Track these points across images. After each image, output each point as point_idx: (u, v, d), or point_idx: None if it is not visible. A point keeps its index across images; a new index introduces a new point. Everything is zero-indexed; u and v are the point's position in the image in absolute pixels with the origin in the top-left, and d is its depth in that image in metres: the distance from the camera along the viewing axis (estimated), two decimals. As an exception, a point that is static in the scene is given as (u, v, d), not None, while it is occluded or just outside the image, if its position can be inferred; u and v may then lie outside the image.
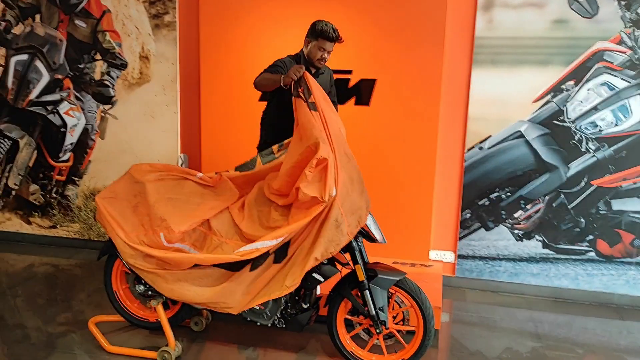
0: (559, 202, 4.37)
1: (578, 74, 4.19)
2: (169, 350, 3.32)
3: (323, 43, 3.47)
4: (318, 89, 3.18)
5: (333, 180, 2.97)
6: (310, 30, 3.53)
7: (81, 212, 5.19)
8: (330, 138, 3.04)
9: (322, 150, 2.93)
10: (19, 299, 4.27)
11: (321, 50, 3.49)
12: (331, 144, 3.03)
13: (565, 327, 4.06)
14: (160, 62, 4.76)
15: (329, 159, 2.96)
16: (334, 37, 3.45)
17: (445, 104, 4.37)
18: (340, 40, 3.50)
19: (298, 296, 3.31)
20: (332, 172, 2.97)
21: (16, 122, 5.10)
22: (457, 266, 4.61)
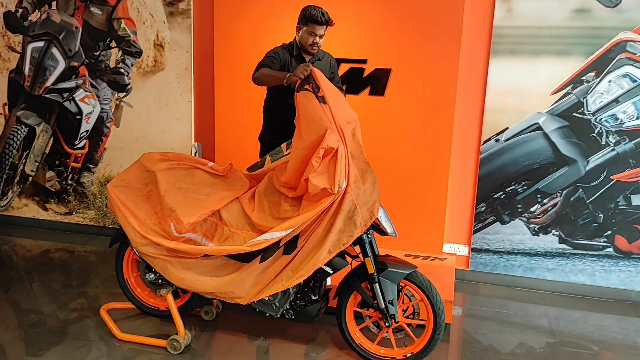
0: (577, 196, 4.28)
1: (599, 65, 4.08)
2: (179, 339, 3.33)
3: (313, 27, 3.43)
4: (327, 83, 3.13)
5: (343, 171, 2.94)
6: (300, 16, 3.50)
7: (96, 200, 5.23)
8: (341, 129, 3.00)
9: (329, 139, 2.89)
10: (35, 284, 4.32)
11: (312, 35, 3.45)
12: (341, 135, 2.99)
13: (581, 323, 3.99)
14: (175, 50, 4.75)
15: (339, 149, 2.92)
16: (322, 20, 3.41)
17: (461, 95, 4.30)
18: (330, 23, 3.45)
19: (307, 288, 3.29)
20: (342, 163, 2.93)
21: (33, 109, 5.14)
22: (471, 260, 4.55)
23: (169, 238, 3.20)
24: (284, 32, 4.38)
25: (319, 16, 3.40)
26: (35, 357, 3.27)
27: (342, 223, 2.98)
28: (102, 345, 3.43)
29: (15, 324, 3.67)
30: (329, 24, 3.46)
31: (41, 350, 3.34)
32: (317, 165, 2.89)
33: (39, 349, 3.36)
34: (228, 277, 3.13)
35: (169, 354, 3.34)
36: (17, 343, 3.43)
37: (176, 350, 3.34)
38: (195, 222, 3.17)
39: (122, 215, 3.30)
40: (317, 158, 2.89)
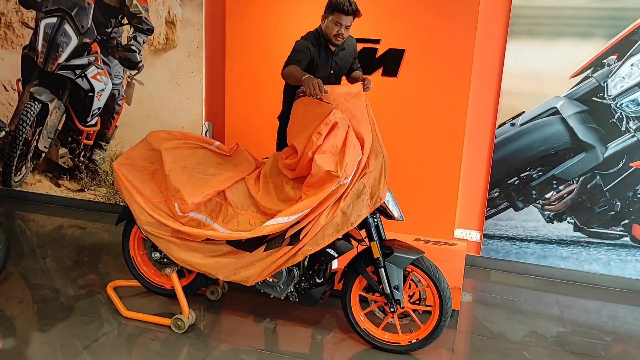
0: (594, 183, 4.16)
1: (621, 47, 3.93)
2: (182, 318, 3.33)
3: (339, 17, 3.24)
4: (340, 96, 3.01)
5: (352, 160, 2.86)
6: (327, 5, 3.33)
7: (108, 177, 5.24)
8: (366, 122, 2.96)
9: (332, 116, 2.82)
10: (48, 259, 4.35)
11: (337, 24, 3.26)
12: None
13: (594, 313, 3.91)
14: (186, 27, 4.70)
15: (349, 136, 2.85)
16: (349, 10, 3.22)
17: (476, 77, 4.20)
18: (358, 14, 3.26)
19: (312, 270, 3.26)
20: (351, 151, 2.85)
21: (46, 85, 5.15)
22: (482, 246, 4.48)
23: (173, 217, 3.18)
24: (296, 11, 4.31)
25: (345, 5, 3.21)
26: (41, 332, 3.30)
27: (351, 202, 2.92)
28: (108, 322, 3.44)
29: (24, 298, 3.71)
30: (357, 15, 3.28)
31: (47, 326, 3.36)
32: (317, 140, 2.81)
33: (45, 324, 3.38)
34: (231, 260, 3.11)
35: (173, 333, 3.34)
36: (25, 317, 3.46)
37: (180, 329, 3.33)
38: (199, 202, 3.14)
39: (127, 193, 3.28)
40: (317, 134, 2.81)
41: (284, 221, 2.91)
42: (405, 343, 3.21)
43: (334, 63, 3.41)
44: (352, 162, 2.86)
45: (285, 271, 3.20)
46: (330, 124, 2.82)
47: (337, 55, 3.43)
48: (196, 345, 3.24)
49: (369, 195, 2.95)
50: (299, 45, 3.33)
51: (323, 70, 3.38)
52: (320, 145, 2.82)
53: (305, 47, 3.31)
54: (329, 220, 2.93)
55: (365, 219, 3.05)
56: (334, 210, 2.93)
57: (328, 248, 3.10)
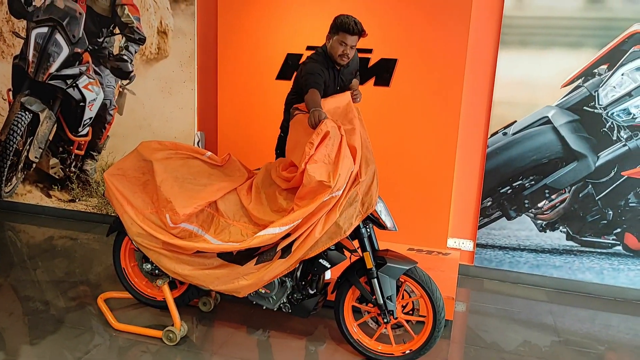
0: (586, 192, 4.17)
1: (612, 57, 3.96)
2: (174, 330, 3.30)
3: (344, 37, 3.20)
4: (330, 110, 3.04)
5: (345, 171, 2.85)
6: (332, 24, 3.29)
7: (99, 187, 5.21)
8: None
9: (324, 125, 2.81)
10: (38, 270, 4.31)
11: (342, 44, 3.22)
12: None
13: (587, 322, 3.92)
14: (178, 37, 4.69)
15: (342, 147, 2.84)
16: (355, 30, 3.18)
17: (468, 87, 4.22)
18: (363, 34, 3.24)
19: (304, 281, 3.24)
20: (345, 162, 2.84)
21: (37, 95, 5.12)
22: (475, 255, 4.48)
23: (165, 228, 3.15)
24: (287, 20, 4.32)
25: (351, 25, 3.18)
26: (31, 345, 3.26)
27: (343, 210, 2.91)
28: (99, 334, 3.41)
29: (14, 310, 3.66)
30: (362, 35, 3.25)
31: (37, 338, 3.32)
32: (310, 150, 2.79)
33: (35, 337, 3.34)
34: (222, 272, 3.08)
35: (165, 345, 3.31)
36: (15, 330, 3.42)
37: (172, 341, 3.30)
38: (191, 213, 3.12)
39: (118, 204, 3.26)
40: (309, 144, 2.79)
41: (275, 232, 2.89)
42: (399, 354, 3.19)
43: (340, 80, 3.41)
44: (345, 173, 2.85)
45: (277, 282, 3.18)
46: (322, 134, 2.81)
47: (343, 72, 3.42)
48: (188, 358, 3.21)
49: (360, 202, 2.94)
50: (314, 68, 3.26)
51: (331, 88, 3.35)
52: (312, 155, 2.81)
53: (320, 70, 3.25)
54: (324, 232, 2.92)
55: (358, 229, 3.04)
56: (328, 221, 2.91)
57: (321, 259, 3.09)
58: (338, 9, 4.01)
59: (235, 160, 3.38)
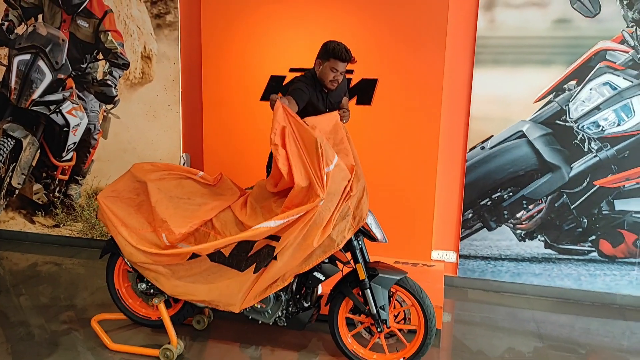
0: (562, 202, 4.36)
1: (580, 73, 4.19)
2: (171, 348, 3.33)
3: (335, 64, 3.35)
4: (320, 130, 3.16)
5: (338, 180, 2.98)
6: (322, 50, 3.42)
7: (84, 212, 5.21)
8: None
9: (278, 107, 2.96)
10: (22, 297, 4.28)
11: (333, 71, 3.37)
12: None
13: (568, 327, 4.06)
14: (162, 61, 4.78)
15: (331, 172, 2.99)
16: (346, 57, 3.34)
17: (447, 104, 4.38)
18: (353, 60, 3.39)
19: (299, 295, 3.32)
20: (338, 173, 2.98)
21: (19, 121, 5.12)
22: (459, 266, 4.61)
23: (161, 248, 3.20)
24: (271, 45, 4.45)
25: (342, 53, 3.32)
26: (26, 369, 3.26)
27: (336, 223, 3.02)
28: (95, 356, 3.42)
29: (6, 335, 3.64)
30: (351, 62, 3.40)
31: (31, 363, 3.32)
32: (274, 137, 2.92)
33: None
34: (221, 285, 3.15)
35: (161, 364, 3.35)
36: (10, 355, 3.40)
37: (169, 359, 3.33)
38: (187, 233, 3.18)
39: (112, 226, 3.30)
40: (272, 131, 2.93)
41: (270, 225, 2.96)
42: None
43: (328, 102, 3.54)
44: (338, 183, 2.96)
45: (273, 296, 3.25)
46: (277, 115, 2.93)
47: (331, 95, 3.55)
48: (186, 375, 3.25)
49: (352, 216, 3.06)
50: (300, 85, 3.38)
51: (318, 110, 3.47)
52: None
53: (306, 88, 3.37)
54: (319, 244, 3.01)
55: (350, 242, 3.15)
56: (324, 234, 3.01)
57: (315, 272, 3.18)
58: (320, 32, 4.19)
59: (227, 179, 3.46)
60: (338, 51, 3.31)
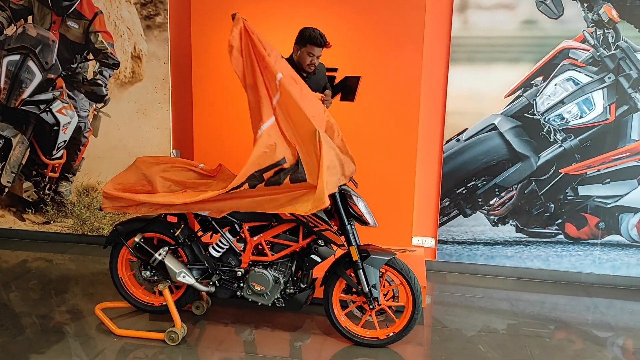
0: (531, 189, 4.70)
1: (546, 70, 4.52)
2: (176, 331, 3.53)
3: (312, 49, 3.72)
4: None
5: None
6: (299, 37, 3.77)
7: (75, 208, 5.33)
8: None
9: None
10: (19, 291, 4.36)
11: (310, 55, 3.74)
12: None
13: (538, 305, 4.36)
14: (152, 61, 4.95)
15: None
16: (322, 42, 3.71)
17: (424, 99, 4.66)
18: (328, 45, 3.74)
19: (296, 277, 3.56)
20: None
21: (9, 120, 5.21)
22: (437, 251, 4.91)
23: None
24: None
25: (318, 38, 3.68)
26: (39, 354, 3.40)
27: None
28: (102, 341, 3.58)
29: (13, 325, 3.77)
30: (327, 46, 3.75)
31: (43, 348, 3.47)
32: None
33: (41, 347, 3.48)
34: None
35: (165, 346, 3.53)
36: (18, 342, 3.53)
37: (174, 341, 3.53)
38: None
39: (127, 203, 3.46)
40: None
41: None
42: (384, 337, 3.55)
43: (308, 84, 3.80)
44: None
45: (272, 279, 3.49)
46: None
47: (310, 79, 3.82)
48: (191, 356, 3.45)
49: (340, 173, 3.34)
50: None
51: None
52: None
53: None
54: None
55: (343, 226, 3.41)
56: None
57: (312, 254, 3.43)
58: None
59: (226, 169, 3.67)
60: (314, 37, 3.68)
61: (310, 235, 3.48)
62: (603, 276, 4.71)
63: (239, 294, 3.58)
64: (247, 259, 3.56)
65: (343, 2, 4.52)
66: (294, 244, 3.51)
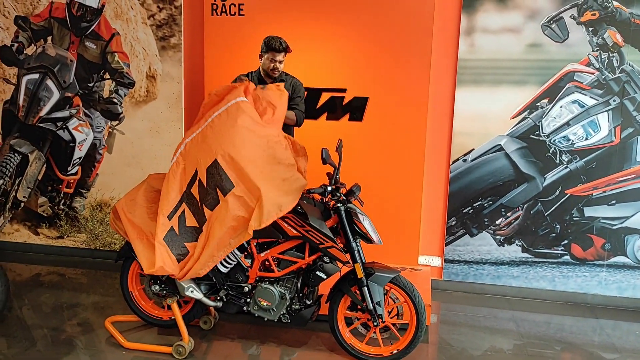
0: (537, 209, 4.73)
1: (551, 92, 4.58)
2: (183, 345, 3.60)
3: (273, 55, 3.95)
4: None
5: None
6: (262, 46, 4.02)
7: (88, 223, 5.44)
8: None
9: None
10: (25, 306, 4.45)
11: (272, 61, 3.97)
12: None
13: (544, 325, 4.36)
14: (166, 81, 5.09)
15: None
16: (281, 48, 3.93)
17: (431, 120, 4.74)
18: (288, 50, 3.97)
19: (302, 293, 3.62)
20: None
21: (26, 137, 5.36)
22: (444, 270, 4.94)
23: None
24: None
25: (277, 44, 3.93)
26: (48, 365, 3.49)
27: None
28: (111, 353, 3.66)
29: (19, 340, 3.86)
30: (287, 51, 3.98)
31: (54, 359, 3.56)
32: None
33: (52, 357, 3.56)
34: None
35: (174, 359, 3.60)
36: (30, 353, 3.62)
37: (181, 355, 3.59)
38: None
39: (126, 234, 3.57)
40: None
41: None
42: (388, 354, 3.59)
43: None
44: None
45: (278, 295, 3.55)
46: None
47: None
48: (198, 369, 3.52)
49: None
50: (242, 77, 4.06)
51: None
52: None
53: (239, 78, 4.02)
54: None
55: (349, 244, 3.48)
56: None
57: (318, 271, 3.50)
58: (317, 53, 4.57)
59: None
60: (273, 44, 3.92)
61: (316, 252, 3.55)
62: (609, 297, 4.71)
63: (246, 309, 3.65)
64: (254, 274, 3.63)
65: (352, 25, 4.63)
66: (300, 260, 3.58)
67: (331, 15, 4.63)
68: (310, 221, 3.46)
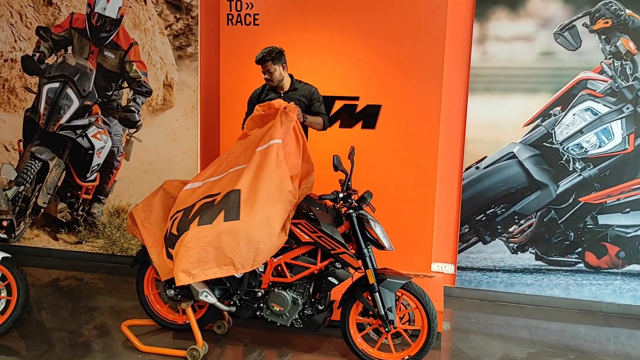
0: (550, 217, 4.73)
1: (564, 100, 4.59)
2: (197, 348, 3.65)
3: (261, 67, 4.03)
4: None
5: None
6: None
7: (106, 229, 5.55)
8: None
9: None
10: (44, 310, 4.55)
11: (264, 73, 4.04)
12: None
13: (558, 333, 4.35)
14: (183, 89, 5.18)
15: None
16: (262, 59, 3.98)
17: (444, 128, 4.76)
18: (268, 59, 3.96)
19: (314, 299, 3.66)
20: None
21: (46, 144, 5.49)
22: (457, 277, 4.95)
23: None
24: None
25: (258, 57, 3.99)
26: (66, 367, 3.57)
27: None
28: (127, 356, 3.73)
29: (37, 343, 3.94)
30: (272, 61, 3.97)
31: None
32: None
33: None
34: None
35: (188, 363, 3.67)
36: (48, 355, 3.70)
37: (195, 358, 3.65)
38: None
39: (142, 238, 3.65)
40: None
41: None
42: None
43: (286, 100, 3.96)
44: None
45: (290, 300, 3.60)
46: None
47: (287, 95, 4.08)
48: (211, 372, 3.57)
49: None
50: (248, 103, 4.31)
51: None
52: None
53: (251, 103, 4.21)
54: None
55: (360, 250, 3.52)
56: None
57: (330, 277, 3.54)
58: (332, 64, 4.64)
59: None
60: (257, 57, 3.99)
61: (328, 258, 3.59)
62: (624, 306, 4.68)
63: (259, 314, 3.70)
64: (267, 280, 3.68)
65: (365, 34, 4.68)
66: (312, 266, 3.62)
67: (345, 25, 4.69)
68: (322, 227, 3.51)
